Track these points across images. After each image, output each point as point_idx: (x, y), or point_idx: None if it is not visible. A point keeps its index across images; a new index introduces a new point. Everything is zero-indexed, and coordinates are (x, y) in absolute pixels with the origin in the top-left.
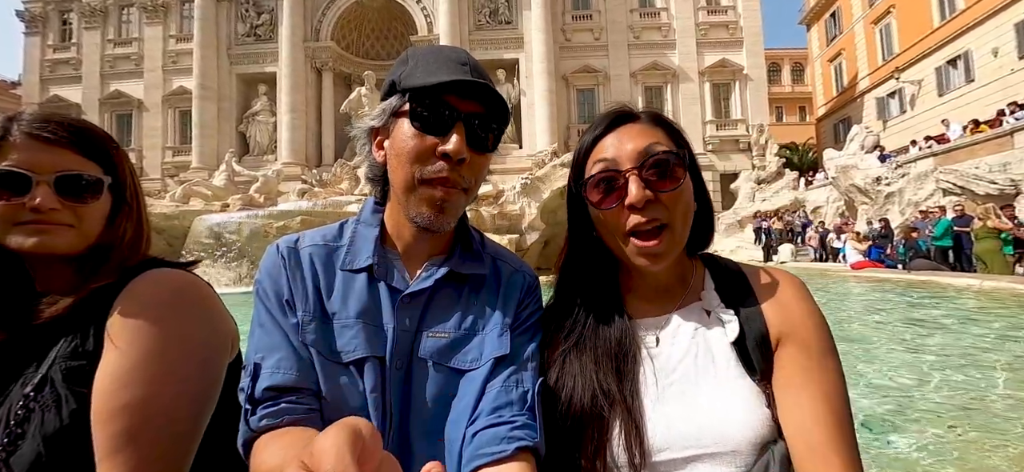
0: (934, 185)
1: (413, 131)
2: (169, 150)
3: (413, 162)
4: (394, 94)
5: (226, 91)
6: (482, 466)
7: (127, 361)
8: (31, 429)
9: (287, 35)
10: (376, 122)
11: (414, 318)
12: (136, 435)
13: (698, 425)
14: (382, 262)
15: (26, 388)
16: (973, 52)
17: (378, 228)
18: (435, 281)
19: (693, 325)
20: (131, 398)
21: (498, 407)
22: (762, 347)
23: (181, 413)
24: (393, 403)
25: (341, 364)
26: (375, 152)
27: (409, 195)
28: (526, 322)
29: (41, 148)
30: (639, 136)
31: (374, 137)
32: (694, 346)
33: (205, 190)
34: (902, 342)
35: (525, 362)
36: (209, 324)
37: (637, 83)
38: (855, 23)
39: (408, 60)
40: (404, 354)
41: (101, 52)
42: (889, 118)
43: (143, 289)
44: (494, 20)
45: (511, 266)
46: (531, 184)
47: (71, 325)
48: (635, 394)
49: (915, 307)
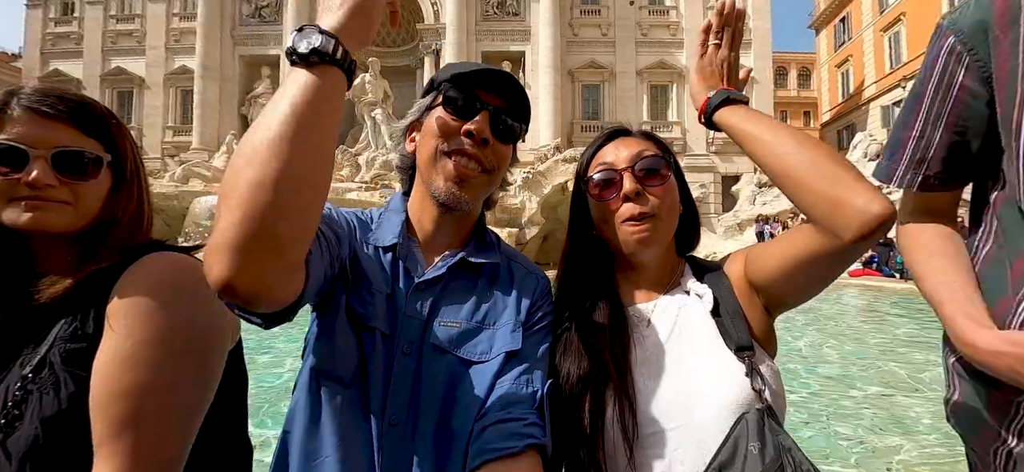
0: None
1: (442, 112)
2: (169, 130)
3: (438, 137)
4: (429, 93)
5: (229, 72)
6: (491, 460)
7: (127, 345)
8: (29, 411)
9: (292, 17)
10: (413, 117)
11: (426, 305)
12: (135, 420)
13: (682, 396)
14: (404, 246)
15: (25, 369)
16: None
17: (404, 214)
18: (449, 268)
19: (677, 305)
20: (131, 383)
21: (508, 403)
22: (738, 320)
23: (181, 399)
24: (398, 389)
25: (355, 324)
26: (407, 144)
27: (432, 169)
28: (538, 324)
29: (40, 123)
30: (632, 145)
31: (409, 132)
32: (678, 325)
33: (205, 171)
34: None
35: (536, 363)
36: (210, 310)
37: (643, 81)
38: (865, 30)
39: (448, 68)
40: (414, 340)
41: (103, 28)
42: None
43: (144, 272)
44: (502, 11)
45: (525, 268)
46: (533, 178)
47: (71, 306)
48: (627, 373)
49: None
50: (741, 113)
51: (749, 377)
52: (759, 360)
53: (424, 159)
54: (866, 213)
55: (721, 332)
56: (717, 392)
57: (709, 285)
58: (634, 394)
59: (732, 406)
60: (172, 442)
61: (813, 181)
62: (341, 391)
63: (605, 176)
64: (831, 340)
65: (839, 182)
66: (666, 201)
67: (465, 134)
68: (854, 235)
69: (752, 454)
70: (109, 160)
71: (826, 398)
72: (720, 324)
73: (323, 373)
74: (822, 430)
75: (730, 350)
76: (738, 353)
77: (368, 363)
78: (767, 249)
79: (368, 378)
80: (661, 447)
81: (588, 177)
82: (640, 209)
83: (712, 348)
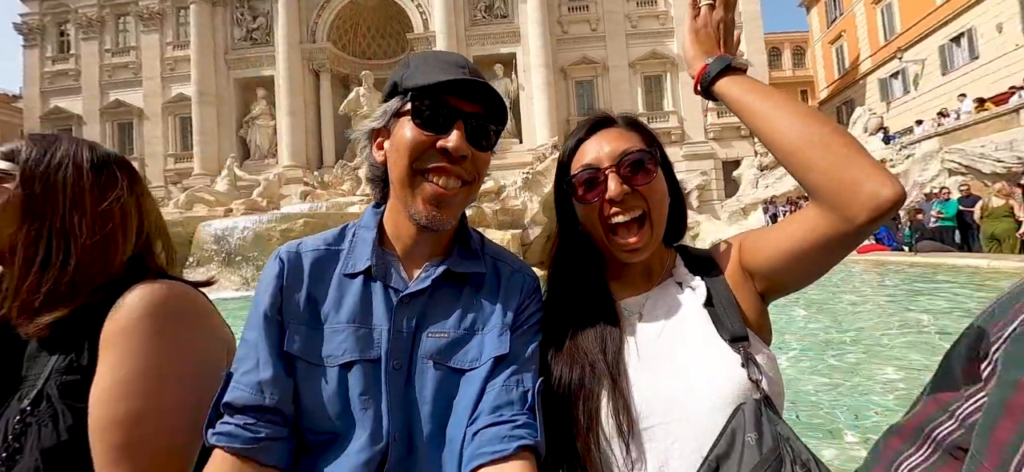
0: (940, 165)
1: (412, 127)
2: (171, 157)
3: (411, 155)
4: (395, 95)
5: (225, 96)
6: (483, 465)
7: (120, 374)
8: (28, 444)
9: (283, 38)
10: (377, 123)
11: (413, 318)
12: (132, 448)
13: (677, 388)
14: (380, 264)
15: (23, 402)
16: (977, 29)
17: (375, 230)
18: (433, 281)
19: (669, 298)
20: (126, 411)
21: (498, 406)
22: (731, 309)
23: (177, 425)
24: (393, 406)
25: (326, 368)
26: (375, 153)
27: (407, 190)
28: (526, 323)
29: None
30: (616, 139)
31: (374, 138)
32: (669, 317)
33: (208, 196)
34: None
35: (526, 362)
36: (203, 335)
37: (636, 73)
38: (856, 3)
39: (409, 63)
40: (403, 355)
41: (99, 62)
42: (892, 99)
43: (134, 302)
44: (490, 15)
45: (511, 267)
46: (532, 178)
47: (65, 338)
48: (620, 368)
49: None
50: (743, 84)
51: (745, 367)
52: (755, 349)
53: (397, 178)
54: (879, 195)
55: (714, 323)
56: (712, 384)
57: (701, 275)
58: (628, 389)
59: (728, 397)
60: (170, 467)
61: (821, 160)
62: (327, 439)
63: (589, 177)
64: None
65: (850, 162)
66: (656, 197)
67: (441, 151)
68: (866, 218)
69: (750, 444)
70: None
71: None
72: (713, 314)
73: (309, 430)
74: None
75: (725, 341)
76: (733, 343)
77: (354, 396)
78: (766, 235)
79: (357, 410)
80: (657, 440)
81: (571, 177)
82: (629, 214)
83: (706, 339)
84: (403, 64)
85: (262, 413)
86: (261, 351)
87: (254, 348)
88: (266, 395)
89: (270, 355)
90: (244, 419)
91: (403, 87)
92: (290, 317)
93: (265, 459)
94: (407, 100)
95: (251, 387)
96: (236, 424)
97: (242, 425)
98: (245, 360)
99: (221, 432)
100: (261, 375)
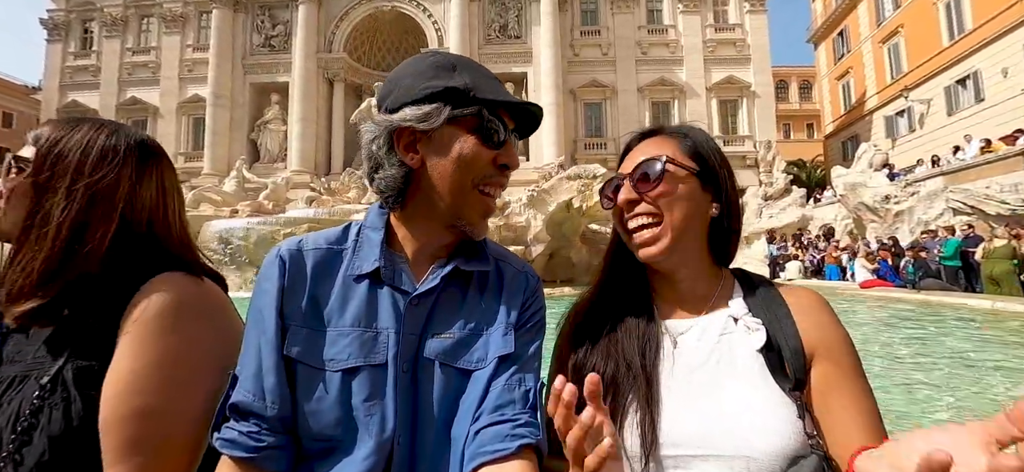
0: (944, 204)
1: (475, 141)
2: (181, 156)
3: (472, 169)
4: (442, 101)
5: (239, 99)
6: (484, 463)
7: (137, 367)
8: (41, 424)
9: (300, 46)
10: (419, 124)
11: (420, 320)
12: (143, 442)
13: (714, 427)
14: (388, 265)
15: (42, 379)
16: (982, 72)
17: (383, 231)
18: (442, 279)
19: (718, 330)
20: (140, 405)
21: (500, 405)
22: (797, 358)
23: (190, 423)
24: (399, 409)
25: (328, 373)
26: (403, 153)
27: (459, 202)
28: (529, 322)
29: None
30: (650, 148)
31: (401, 139)
32: (718, 350)
33: (215, 196)
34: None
35: (528, 361)
36: (220, 333)
37: (644, 98)
38: (863, 42)
39: (458, 70)
40: (408, 358)
41: (120, 60)
42: (898, 136)
43: (153, 295)
44: (504, 35)
45: (514, 267)
46: (537, 196)
47: (85, 323)
48: (656, 388)
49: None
50: None
51: (801, 420)
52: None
53: (452, 188)
54: None
55: (770, 367)
56: (757, 430)
57: (763, 315)
58: (658, 407)
59: (779, 448)
60: (179, 464)
61: None
62: (327, 446)
63: (616, 183)
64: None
65: None
66: (670, 203)
67: (500, 167)
68: None
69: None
70: (13, 155)
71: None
72: (770, 359)
73: (307, 436)
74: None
75: (781, 388)
76: (791, 392)
77: (357, 402)
78: (829, 414)
79: (360, 417)
80: (681, 471)
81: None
82: (639, 221)
83: (756, 382)
84: (447, 67)
85: (264, 421)
86: (265, 356)
87: (256, 352)
88: (268, 403)
89: (273, 360)
90: (247, 426)
91: (472, 96)
92: (291, 318)
93: (269, 466)
94: (470, 111)
95: (254, 393)
96: (240, 431)
97: (245, 432)
98: (248, 364)
99: (225, 439)
100: (265, 381)
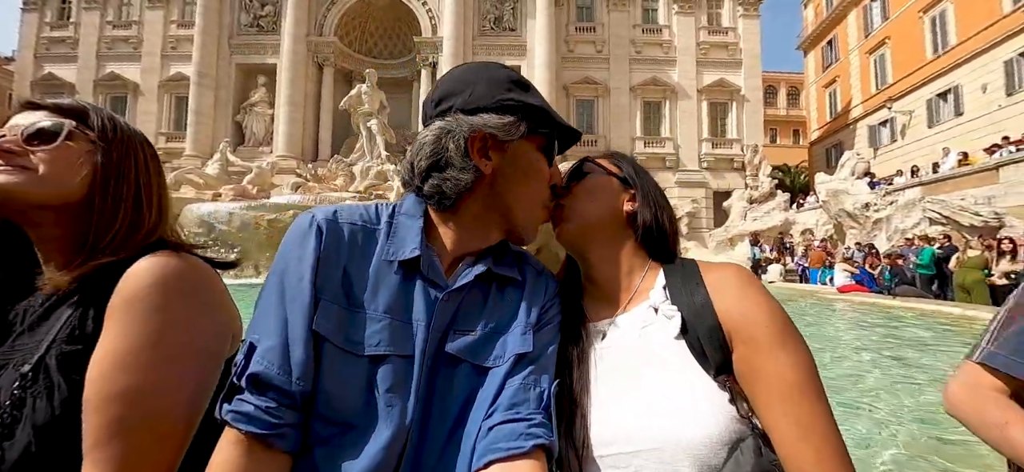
0: (921, 214)
1: (541, 159)
2: (162, 136)
3: (544, 187)
4: (517, 114)
5: (224, 80)
6: (497, 460)
7: (124, 346)
8: (24, 415)
9: (290, 28)
10: (501, 134)
11: (447, 316)
12: (129, 425)
13: (640, 422)
14: (426, 256)
15: (23, 367)
16: (963, 87)
17: (422, 220)
18: (475, 277)
19: (639, 324)
20: (126, 385)
21: (516, 403)
22: (714, 339)
23: (177, 405)
24: (419, 401)
25: (356, 356)
26: (478, 159)
27: (532, 214)
28: (548, 324)
29: (22, 112)
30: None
31: (476, 144)
32: (637, 344)
33: (197, 178)
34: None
35: (544, 363)
36: (212, 314)
37: (636, 97)
38: (851, 52)
39: (529, 90)
40: (431, 353)
41: (99, 33)
42: (880, 146)
43: (145, 272)
44: (499, 27)
45: (535, 269)
46: None
47: (71, 303)
48: (584, 390)
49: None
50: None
51: (733, 404)
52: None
53: (523, 201)
54: None
55: (693, 352)
56: (685, 418)
57: (680, 302)
58: (587, 413)
59: (710, 437)
60: (165, 449)
61: None
62: (339, 430)
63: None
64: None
65: None
66: (576, 199)
67: (550, 185)
68: None
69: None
70: (73, 126)
71: None
72: (690, 343)
73: (321, 418)
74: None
75: (707, 373)
76: (717, 376)
77: (381, 390)
78: (759, 392)
79: (382, 405)
80: (618, 470)
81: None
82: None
83: (674, 370)
84: (522, 84)
85: (285, 396)
86: (294, 327)
87: (281, 321)
88: (293, 377)
89: (303, 332)
90: (265, 401)
91: (550, 117)
92: (323, 292)
93: (280, 445)
94: (544, 131)
95: (279, 365)
96: (256, 404)
97: (263, 408)
98: (271, 334)
99: (239, 412)
100: (293, 353)
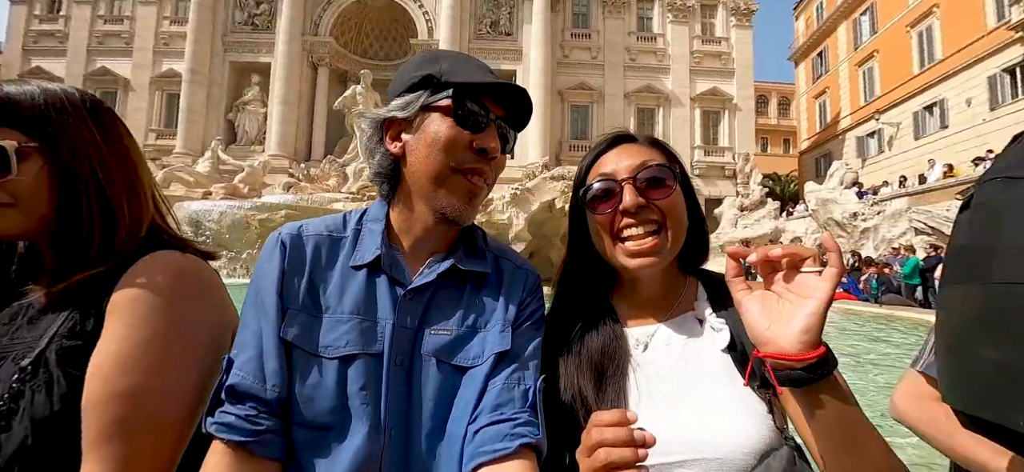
0: (907, 224)
1: (450, 124)
2: (153, 132)
3: (447, 152)
4: (422, 89)
5: (217, 78)
6: (484, 463)
7: (125, 346)
8: (21, 411)
9: (285, 26)
10: (400, 113)
11: (416, 315)
12: (128, 424)
13: (686, 432)
14: (387, 256)
15: (23, 361)
16: (948, 100)
17: (384, 222)
18: (438, 276)
19: (685, 334)
20: (127, 385)
21: (500, 404)
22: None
23: (179, 405)
24: (392, 401)
25: (324, 359)
26: (389, 144)
27: (439, 186)
28: (528, 320)
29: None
30: (636, 153)
31: (387, 129)
32: (685, 354)
33: (187, 176)
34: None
35: (527, 360)
36: (211, 314)
37: (630, 104)
38: (841, 64)
39: (440, 59)
40: (404, 351)
41: (90, 27)
42: (868, 157)
43: (146, 271)
44: (495, 31)
45: (514, 263)
46: (520, 195)
47: (72, 303)
48: (620, 399)
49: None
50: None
51: (771, 415)
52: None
53: (430, 172)
54: None
55: (737, 365)
56: (726, 432)
57: (726, 317)
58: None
59: (748, 447)
60: (164, 448)
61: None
62: (319, 434)
63: (604, 187)
64: None
65: None
66: (673, 214)
67: (478, 151)
68: None
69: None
70: (15, 145)
71: None
72: (735, 358)
73: (300, 423)
74: None
75: (751, 387)
76: (759, 389)
77: (353, 390)
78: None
79: (355, 405)
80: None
81: (587, 187)
82: (643, 228)
83: (725, 383)
84: (432, 59)
85: (263, 404)
86: (266, 338)
87: (255, 334)
88: (268, 385)
89: (273, 343)
90: (245, 410)
91: (445, 81)
92: (289, 303)
93: (264, 452)
94: (445, 95)
95: (253, 375)
96: (236, 414)
97: (243, 416)
98: (247, 346)
99: (221, 422)
100: (266, 364)
